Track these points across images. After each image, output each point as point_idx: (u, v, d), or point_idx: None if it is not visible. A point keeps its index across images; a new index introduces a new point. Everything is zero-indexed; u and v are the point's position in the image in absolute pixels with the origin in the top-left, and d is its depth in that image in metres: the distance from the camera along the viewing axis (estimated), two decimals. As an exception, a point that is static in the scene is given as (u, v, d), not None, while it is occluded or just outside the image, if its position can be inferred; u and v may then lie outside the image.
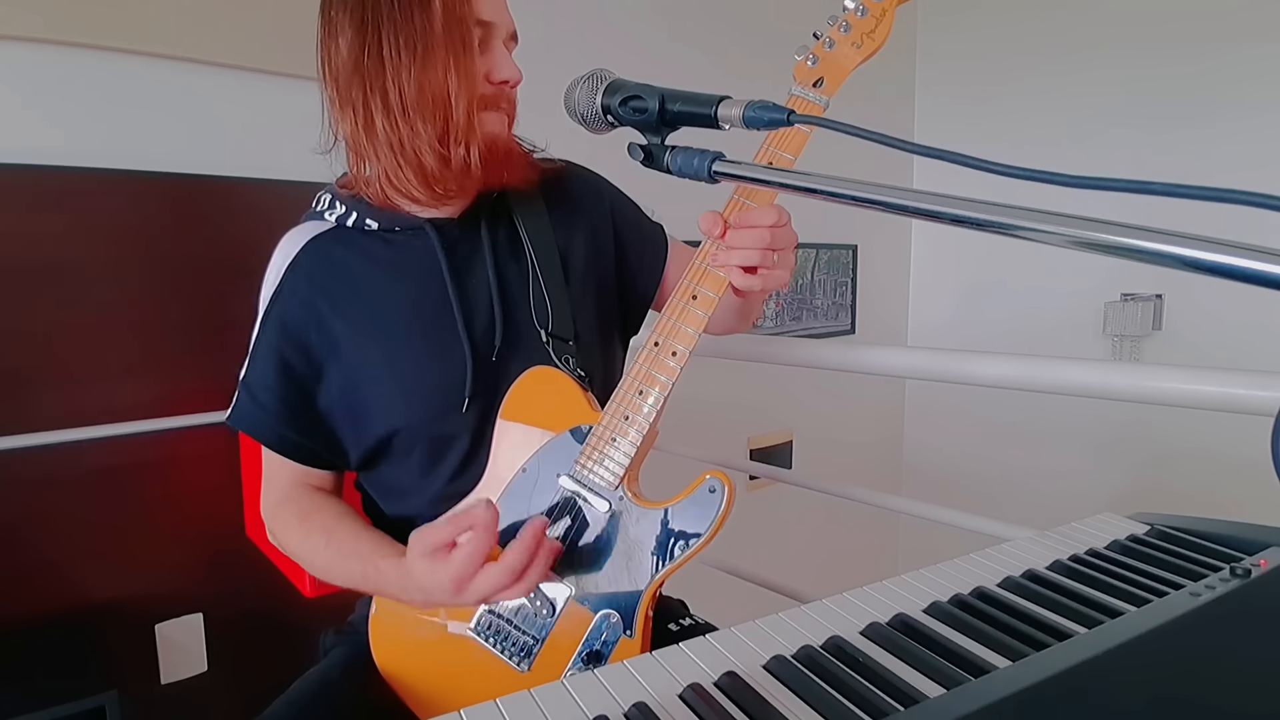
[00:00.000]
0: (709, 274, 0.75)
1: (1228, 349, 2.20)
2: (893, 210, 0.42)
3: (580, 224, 0.89)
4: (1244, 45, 2.11)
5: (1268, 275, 0.29)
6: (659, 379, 0.74)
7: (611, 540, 0.73)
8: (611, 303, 0.91)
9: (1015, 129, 2.62)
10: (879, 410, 2.95)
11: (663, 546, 0.71)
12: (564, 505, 0.75)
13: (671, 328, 0.75)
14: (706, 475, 0.71)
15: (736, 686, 0.48)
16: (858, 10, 0.77)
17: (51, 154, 1.23)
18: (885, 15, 0.77)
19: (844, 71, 0.77)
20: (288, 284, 0.80)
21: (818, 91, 0.76)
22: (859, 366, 1.23)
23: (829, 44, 0.77)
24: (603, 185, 0.95)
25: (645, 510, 0.72)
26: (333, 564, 0.77)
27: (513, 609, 0.75)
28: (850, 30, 0.77)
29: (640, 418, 0.73)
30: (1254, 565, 0.56)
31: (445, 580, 0.66)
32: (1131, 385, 0.91)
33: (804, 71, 0.77)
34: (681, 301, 0.75)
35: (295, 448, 0.81)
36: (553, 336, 0.82)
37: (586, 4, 1.91)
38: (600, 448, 0.74)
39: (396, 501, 0.84)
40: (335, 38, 0.75)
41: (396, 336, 0.79)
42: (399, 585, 0.72)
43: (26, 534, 1.23)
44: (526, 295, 0.83)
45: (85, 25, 1.24)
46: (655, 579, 0.71)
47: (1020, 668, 0.46)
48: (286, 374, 0.79)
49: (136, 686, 1.33)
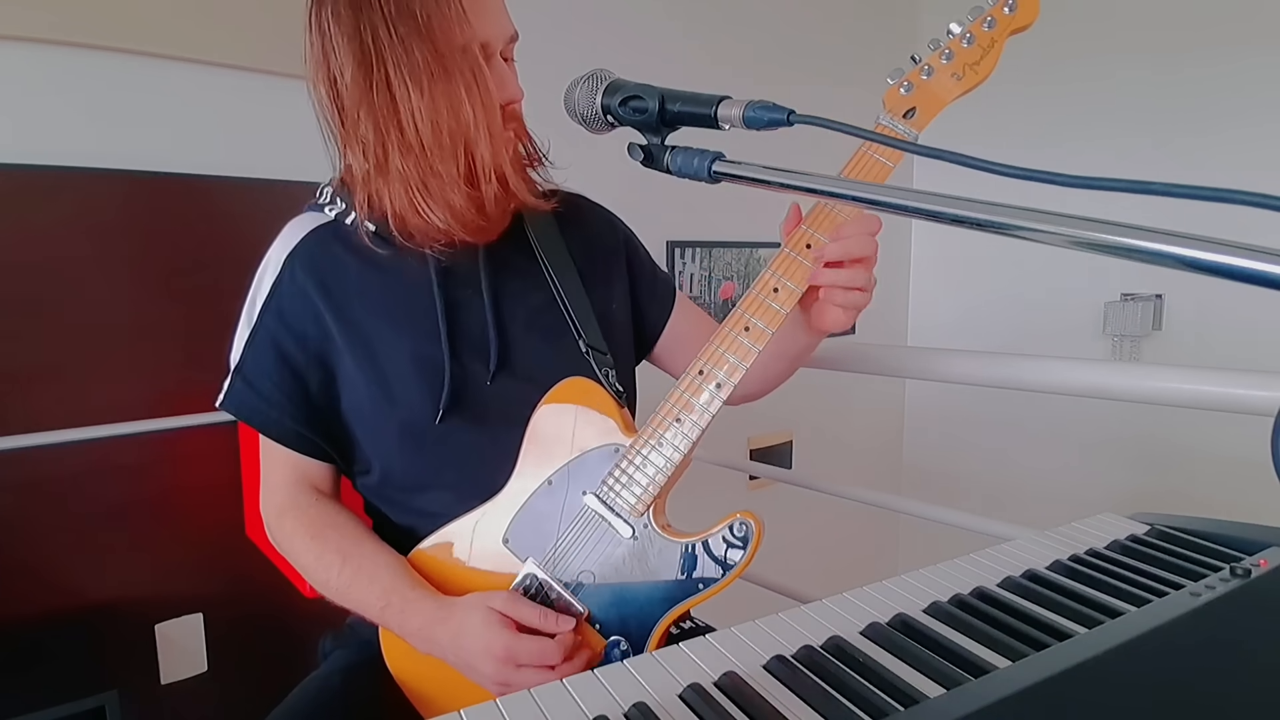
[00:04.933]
0: (765, 306, 0.71)
1: (1228, 349, 2.20)
2: (893, 210, 0.42)
3: (596, 248, 0.89)
4: (1244, 50, 2.11)
5: (1268, 275, 0.29)
6: (698, 408, 0.70)
7: (629, 567, 0.70)
8: (628, 331, 0.90)
9: (1015, 129, 2.62)
10: (879, 410, 2.95)
11: (680, 583, 0.68)
12: (585, 523, 0.73)
13: (718, 357, 0.71)
14: (737, 515, 0.68)
15: (736, 686, 0.48)
16: (964, 38, 0.70)
17: (51, 154, 1.23)
18: (994, 46, 0.70)
19: (940, 104, 0.71)
20: (286, 274, 0.79)
21: (907, 124, 0.71)
22: (859, 366, 1.23)
23: (927, 71, 0.71)
24: (617, 221, 0.95)
25: (669, 541, 0.70)
26: (349, 588, 0.76)
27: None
28: (953, 59, 0.71)
29: (674, 448, 0.70)
30: (1254, 565, 0.56)
31: (499, 648, 0.66)
32: (1131, 385, 0.91)
33: (895, 99, 0.71)
34: (734, 332, 0.71)
35: (294, 436, 0.80)
36: (591, 348, 0.81)
37: (587, 4, 1.91)
38: (629, 471, 0.71)
39: (400, 508, 0.83)
40: (332, 65, 0.72)
41: (384, 339, 0.79)
42: (427, 623, 0.71)
43: (26, 534, 1.23)
44: (547, 304, 0.83)
45: (86, 25, 1.24)
46: (669, 614, 0.69)
47: (1020, 668, 0.46)
48: (284, 363, 0.79)
49: (136, 686, 1.33)
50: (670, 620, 0.69)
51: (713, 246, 2.20)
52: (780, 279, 0.72)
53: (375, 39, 0.69)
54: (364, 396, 0.79)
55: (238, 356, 0.80)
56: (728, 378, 0.70)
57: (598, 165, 0.95)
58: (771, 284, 0.72)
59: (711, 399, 0.70)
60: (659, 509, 0.72)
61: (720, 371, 0.70)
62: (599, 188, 0.98)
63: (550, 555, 0.74)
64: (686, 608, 0.69)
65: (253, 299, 0.81)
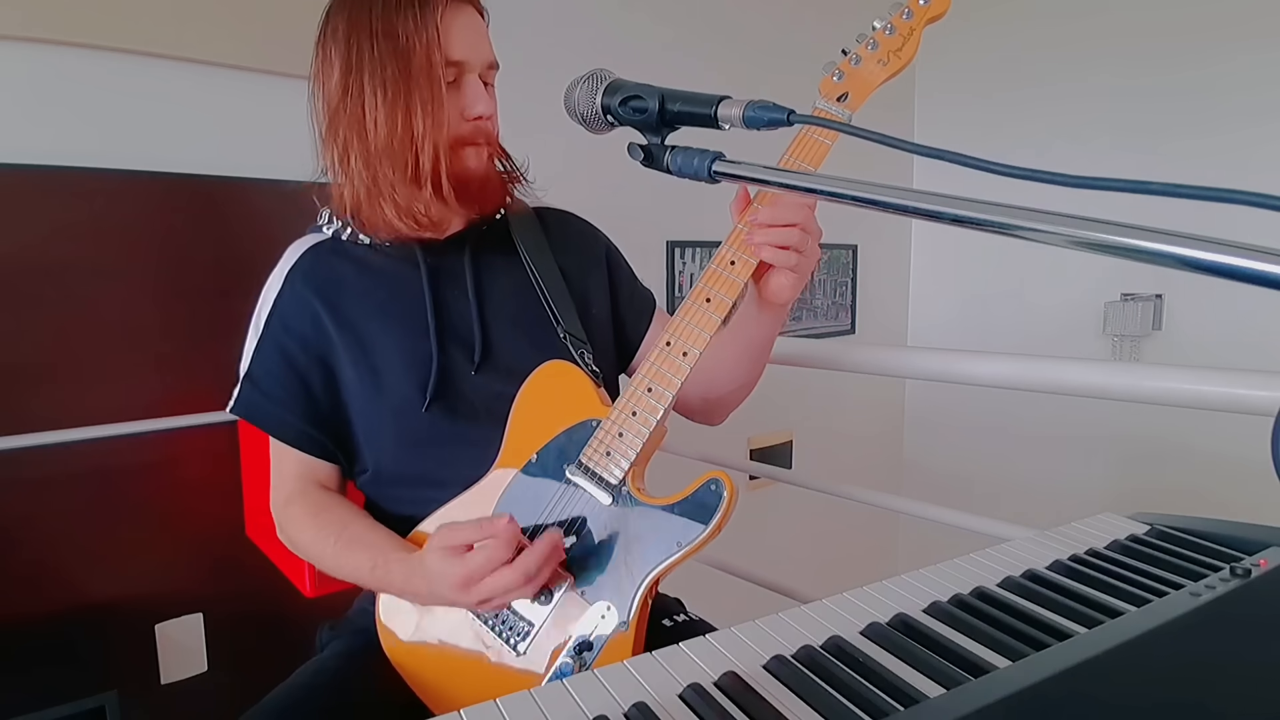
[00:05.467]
0: (723, 278, 0.76)
1: (1228, 349, 2.20)
2: (893, 210, 0.42)
3: (577, 255, 0.95)
4: (1243, 48, 2.11)
5: (1268, 275, 0.29)
6: (668, 377, 0.75)
7: (612, 533, 0.74)
8: (608, 330, 0.96)
9: (1015, 130, 2.62)
10: (879, 410, 2.95)
11: (662, 543, 0.72)
12: (568, 496, 0.76)
13: (684, 329, 0.76)
14: (709, 475, 0.72)
15: (736, 686, 0.48)
16: (886, 29, 0.79)
17: (50, 154, 1.23)
18: (913, 34, 0.79)
19: (869, 87, 0.79)
20: (287, 288, 0.86)
21: (841, 105, 0.78)
22: (859, 366, 1.23)
23: (855, 60, 0.79)
24: (599, 234, 1.01)
25: (647, 506, 0.73)
26: (341, 557, 0.80)
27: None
28: (878, 48, 0.79)
29: (648, 414, 0.75)
30: (1254, 565, 0.56)
31: (455, 576, 0.69)
32: (1131, 385, 0.91)
33: (829, 86, 0.79)
34: (696, 304, 0.77)
35: (300, 435, 0.85)
36: (569, 334, 0.87)
37: (587, 4, 1.91)
38: (607, 441, 0.76)
39: (396, 501, 0.86)
40: (327, 73, 0.81)
41: (377, 336, 0.84)
42: (404, 577, 0.75)
43: (26, 534, 1.23)
44: (530, 302, 0.89)
45: (86, 25, 1.24)
46: (652, 574, 0.71)
47: (1020, 668, 0.46)
48: (288, 365, 0.85)
49: (136, 686, 1.33)
50: (654, 581, 0.72)
51: (713, 246, 2.20)
52: (735, 253, 0.77)
53: (359, 53, 0.78)
54: (358, 390, 0.84)
55: (247, 364, 0.87)
56: (693, 347, 0.75)
57: (598, 165, 0.95)
58: (728, 258, 0.77)
59: (679, 368, 0.75)
60: (637, 475, 0.76)
61: (686, 341, 0.76)
62: (599, 188, 0.98)
63: (536, 529, 0.77)
64: (669, 568, 0.72)
65: (259, 314, 0.87)
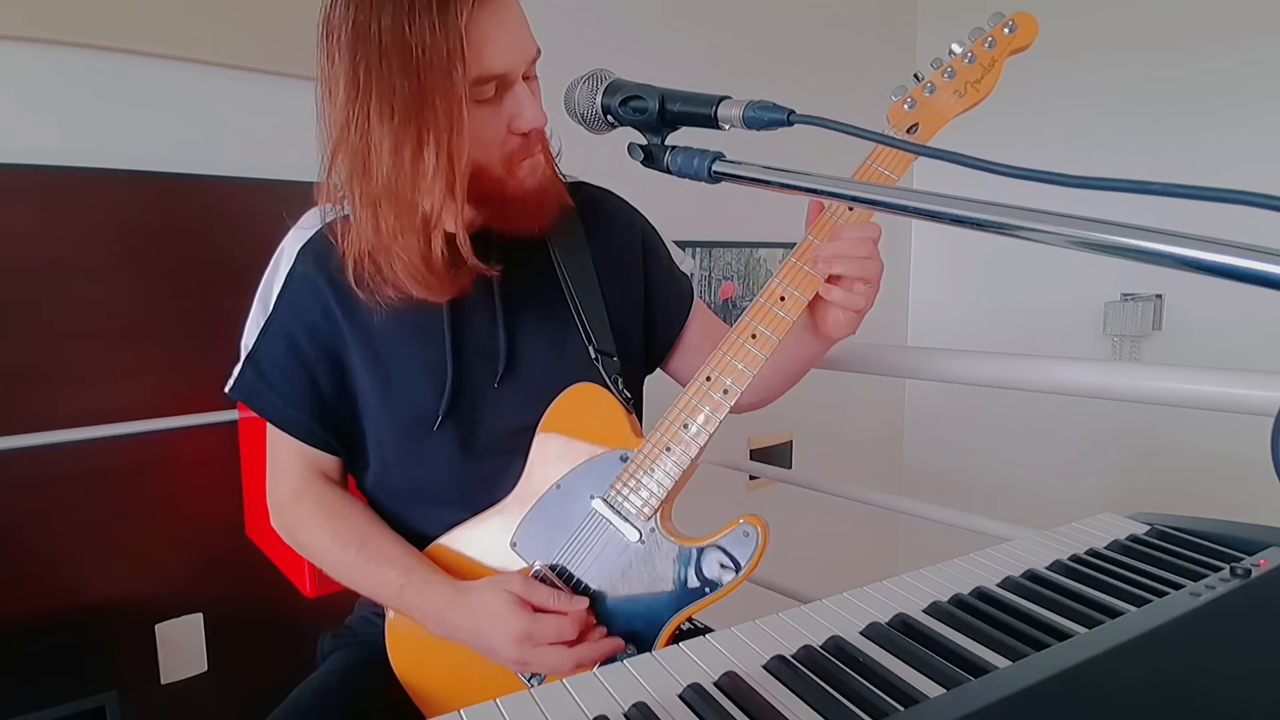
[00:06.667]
0: (772, 315, 0.72)
1: (1228, 349, 2.20)
2: (893, 210, 0.42)
3: (615, 251, 0.88)
4: (1245, 43, 2.11)
5: (1268, 275, 0.29)
6: (706, 413, 0.71)
7: (636, 571, 0.71)
8: (640, 336, 0.90)
9: (1015, 129, 2.62)
10: (879, 410, 2.95)
11: (687, 586, 0.69)
12: (592, 528, 0.73)
13: (725, 364, 0.72)
14: (742, 520, 0.69)
15: (736, 686, 0.48)
16: (965, 57, 0.72)
17: (50, 154, 1.23)
18: (994, 65, 0.73)
19: (942, 120, 0.74)
20: (299, 266, 0.79)
21: (909, 138, 0.73)
22: (859, 366, 1.23)
23: (930, 89, 0.73)
24: (636, 217, 0.93)
25: (675, 545, 0.70)
26: (362, 570, 0.76)
27: None
28: (955, 76, 0.73)
29: (682, 453, 0.71)
30: (1254, 565, 0.56)
31: (516, 629, 0.66)
32: (1131, 385, 0.91)
33: (899, 114, 0.74)
34: (740, 339, 0.72)
35: (304, 429, 0.80)
36: (601, 354, 0.81)
37: (587, 4, 1.91)
38: (637, 475, 0.72)
39: (402, 514, 0.82)
40: (332, 79, 0.69)
41: (390, 338, 0.78)
42: (444, 604, 0.71)
43: (26, 534, 1.23)
44: (560, 310, 0.82)
45: (87, 25, 1.24)
46: (675, 618, 0.69)
47: (1020, 668, 0.46)
48: (295, 354, 0.79)
49: (136, 686, 1.33)
50: (677, 624, 0.70)
51: (713, 246, 2.20)
52: (787, 288, 0.72)
53: (368, 63, 0.65)
54: (369, 393, 0.79)
55: (250, 343, 0.80)
56: (735, 384, 0.71)
57: (598, 165, 0.95)
58: (779, 292, 0.73)
59: (718, 405, 0.71)
60: (666, 514, 0.72)
61: (727, 378, 0.71)
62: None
63: (557, 559, 0.74)
64: (693, 611, 0.69)
65: (268, 284, 0.80)
